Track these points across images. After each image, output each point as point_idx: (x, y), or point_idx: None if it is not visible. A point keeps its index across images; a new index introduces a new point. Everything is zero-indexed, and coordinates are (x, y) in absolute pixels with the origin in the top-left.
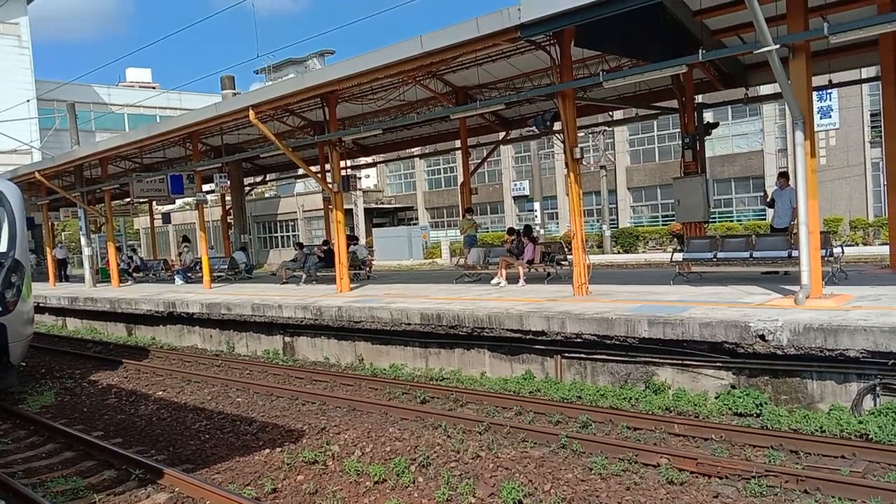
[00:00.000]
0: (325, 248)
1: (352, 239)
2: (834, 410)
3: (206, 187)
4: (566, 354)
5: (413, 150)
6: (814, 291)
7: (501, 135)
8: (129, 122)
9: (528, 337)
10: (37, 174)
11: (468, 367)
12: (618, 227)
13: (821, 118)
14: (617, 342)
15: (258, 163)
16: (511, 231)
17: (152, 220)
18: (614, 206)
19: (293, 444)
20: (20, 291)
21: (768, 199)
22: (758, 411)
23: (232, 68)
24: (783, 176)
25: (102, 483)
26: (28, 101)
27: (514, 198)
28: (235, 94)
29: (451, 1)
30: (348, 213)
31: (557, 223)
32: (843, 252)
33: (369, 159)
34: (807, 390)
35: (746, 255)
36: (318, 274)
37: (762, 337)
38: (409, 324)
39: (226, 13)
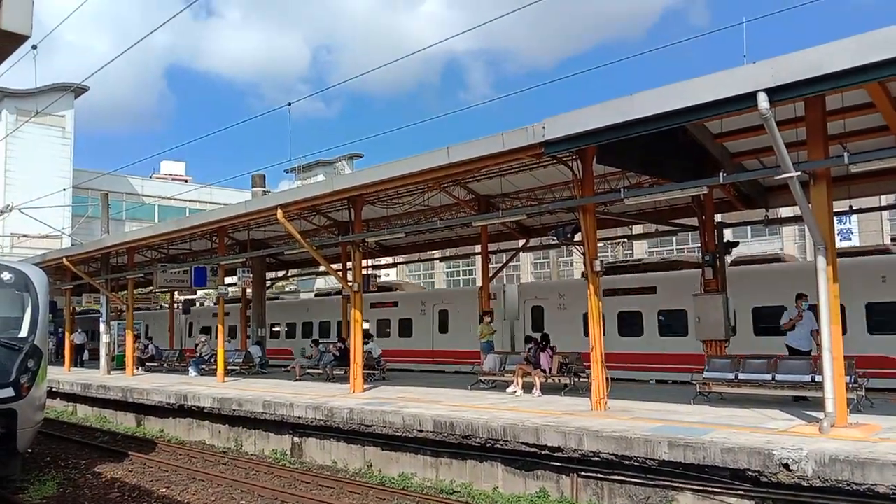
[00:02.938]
0: (340, 345)
1: (366, 336)
2: None
3: (228, 280)
4: (582, 473)
5: (434, 252)
6: (839, 420)
7: (521, 242)
8: (159, 213)
9: (543, 452)
10: (64, 260)
11: (480, 481)
12: None
13: (841, 240)
14: (636, 463)
15: (281, 258)
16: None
17: (172, 310)
18: None
19: None
20: (35, 377)
21: (791, 325)
22: None
23: (264, 167)
24: (804, 297)
25: None
26: (65, 189)
27: None
28: (265, 191)
29: (474, 114)
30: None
31: None
32: (867, 380)
33: (390, 259)
34: None
35: (769, 377)
36: (333, 372)
37: (786, 466)
38: (422, 430)
39: (259, 114)
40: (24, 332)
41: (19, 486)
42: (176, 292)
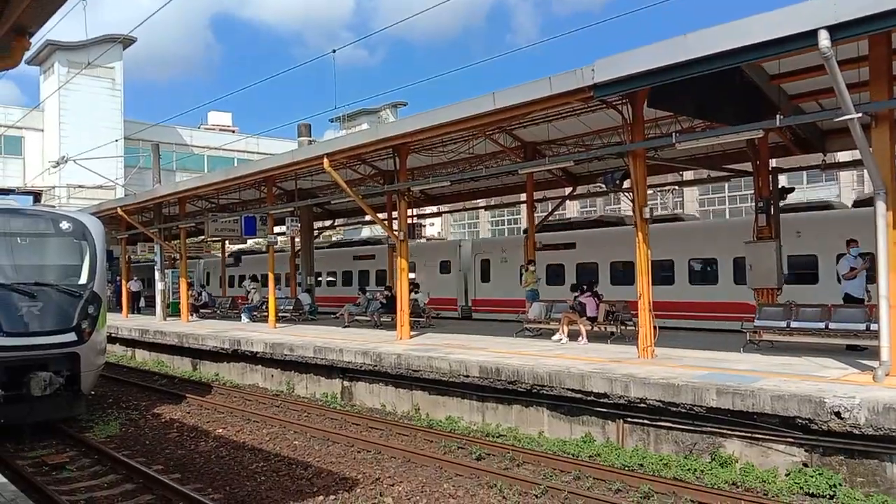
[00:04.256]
0: (387, 293)
1: (413, 286)
2: None
3: (277, 229)
4: (629, 419)
5: (478, 201)
6: (894, 369)
7: (568, 190)
8: (208, 164)
9: (589, 398)
10: (119, 209)
11: (526, 425)
12: None
13: None
14: (683, 410)
15: (328, 208)
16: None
17: (224, 258)
18: None
19: (347, 493)
20: (95, 322)
21: (854, 274)
22: (831, 493)
23: (309, 116)
24: (855, 242)
25: None
26: (116, 140)
27: None
28: (311, 141)
29: (520, 59)
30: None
31: None
32: None
33: (435, 208)
34: (885, 474)
35: (822, 325)
36: (380, 319)
37: (838, 414)
38: (468, 376)
39: (304, 62)
40: (83, 280)
41: (85, 426)
42: (227, 241)
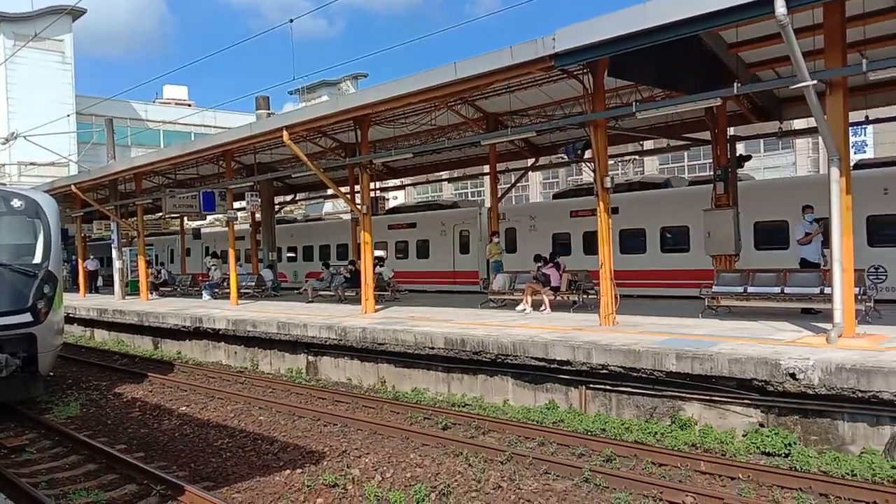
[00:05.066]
0: (351, 268)
1: (378, 260)
2: (865, 454)
3: (237, 204)
4: (591, 385)
5: (441, 173)
6: (846, 330)
7: (531, 161)
8: (164, 139)
9: (552, 366)
10: (73, 187)
11: (491, 395)
12: None
13: (855, 153)
14: (643, 375)
15: (289, 182)
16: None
17: (183, 235)
18: None
19: (314, 466)
20: (52, 302)
21: (808, 239)
22: (786, 451)
23: (267, 88)
24: (810, 208)
25: (124, 497)
26: (68, 115)
27: None
28: (270, 114)
29: (481, 30)
30: None
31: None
32: (876, 291)
33: (397, 181)
34: (837, 432)
35: (777, 290)
36: (345, 294)
37: (793, 375)
38: (433, 348)
39: (261, 32)
40: (38, 259)
41: (44, 408)
42: (186, 218)
